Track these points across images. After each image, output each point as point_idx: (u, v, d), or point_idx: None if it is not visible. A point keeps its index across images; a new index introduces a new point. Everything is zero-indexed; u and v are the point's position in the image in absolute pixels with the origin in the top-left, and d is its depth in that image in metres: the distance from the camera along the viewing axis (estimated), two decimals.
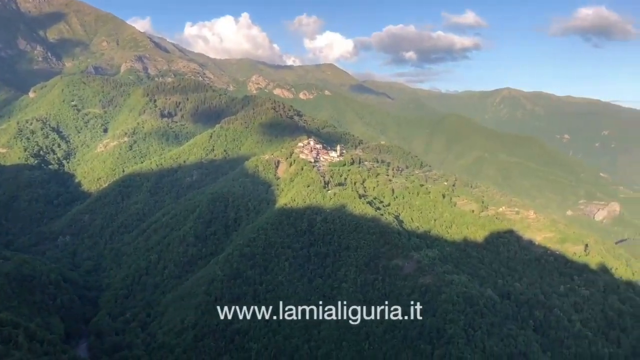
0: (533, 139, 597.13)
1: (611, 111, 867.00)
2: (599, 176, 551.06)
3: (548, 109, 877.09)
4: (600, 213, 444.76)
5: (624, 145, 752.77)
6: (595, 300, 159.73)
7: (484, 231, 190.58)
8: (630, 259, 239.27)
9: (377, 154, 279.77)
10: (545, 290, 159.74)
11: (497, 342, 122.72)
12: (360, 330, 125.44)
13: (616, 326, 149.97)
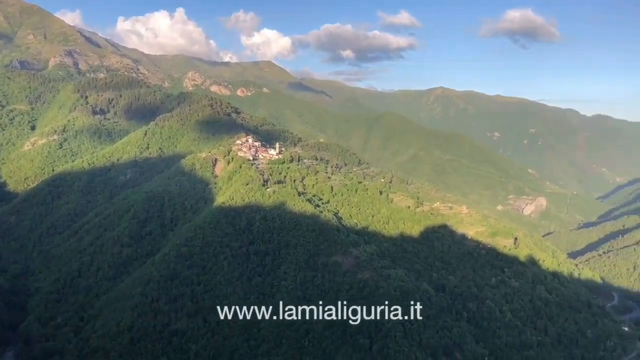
0: (465, 137, 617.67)
1: (538, 110, 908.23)
2: (527, 172, 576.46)
3: (479, 108, 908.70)
4: (528, 207, 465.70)
5: (550, 142, 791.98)
6: (524, 291, 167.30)
7: (419, 226, 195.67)
8: (556, 251, 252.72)
9: (316, 152, 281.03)
10: (477, 282, 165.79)
11: (432, 335, 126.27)
12: (300, 328, 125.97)
13: (543, 315, 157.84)
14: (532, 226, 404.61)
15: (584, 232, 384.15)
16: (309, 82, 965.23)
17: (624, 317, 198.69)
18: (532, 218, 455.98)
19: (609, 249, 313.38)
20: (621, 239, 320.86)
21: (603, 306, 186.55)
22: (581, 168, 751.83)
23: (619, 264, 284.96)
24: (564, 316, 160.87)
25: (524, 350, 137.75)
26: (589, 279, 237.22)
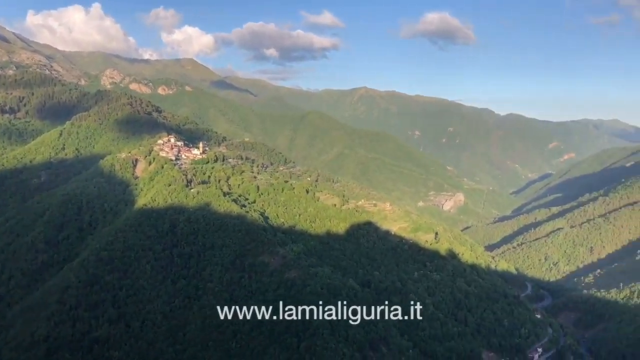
0: (388, 136, 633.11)
1: (456, 109, 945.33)
2: (446, 169, 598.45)
3: (401, 108, 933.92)
4: (447, 203, 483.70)
5: (467, 140, 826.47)
6: (445, 284, 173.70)
7: (345, 224, 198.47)
8: (474, 244, 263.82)
9: (241, 151, 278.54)
10: (401, 277, 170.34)
11: (359, 330, 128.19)
12: (227, 330, 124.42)
13: (463, 306, 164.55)
14: (451, 221, 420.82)
15: (499, 225, 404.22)
16: (233, 80, 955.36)
17: (536, 305, 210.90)
18: (452, 213, 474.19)
19: (522, 241, 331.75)
20: (533, 231, 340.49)
21: (518, 296, 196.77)
22: (496, 165, 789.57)
23: (531, 255, 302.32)
24: (482, 307, 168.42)
25: (446, 341, 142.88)
26: (504, 270, 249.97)
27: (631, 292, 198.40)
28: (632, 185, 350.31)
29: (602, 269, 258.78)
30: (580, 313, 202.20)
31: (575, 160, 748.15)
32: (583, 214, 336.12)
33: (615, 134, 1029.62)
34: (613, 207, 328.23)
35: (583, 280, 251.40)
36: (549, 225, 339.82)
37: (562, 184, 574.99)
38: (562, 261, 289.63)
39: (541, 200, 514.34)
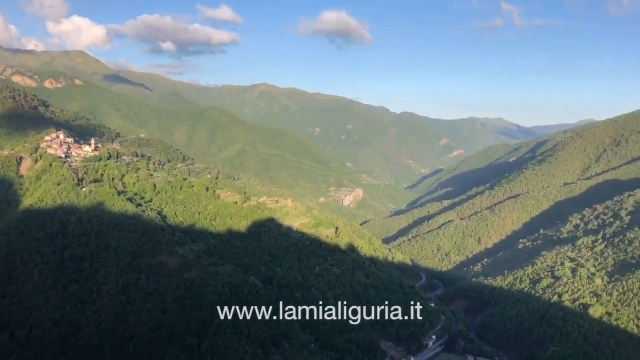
0: (289, 132, 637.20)
1: (354, 107, 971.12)
2: (345, 165, 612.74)
3: (301, 104, 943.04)
4: (347, 198, 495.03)
5: (365, 137, 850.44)
6: (345, 277, 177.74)
7: (246, 221, 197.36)
8: (372, 238, 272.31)
9: (136, 148, 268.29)
10: (303, 272, 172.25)
11: (261, 327, 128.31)
12: (123, 333, 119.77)
13: (362, 298, 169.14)
14: (351, 215, 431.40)
15: (395, 219, 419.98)
16: (127, 74, 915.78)
17: (430, 294, 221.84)
18: (351, 208, 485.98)
19: (417, 233, 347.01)
20: (427, 224, 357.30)
21: (413, 286, 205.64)
22: (392, 160, 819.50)
23: (425, 247, 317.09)
24: (380, 298, 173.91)
25: (346, 333, 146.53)
26: (401, 262, 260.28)
27: (514, 279, 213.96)
28: (514, 179, 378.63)
29: (488, 258, 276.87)
30: (470, 300, 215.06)
31: (464, 156, 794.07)
32: (471, 207, 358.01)
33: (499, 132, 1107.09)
34: (498, 199, 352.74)
35: (472, 269, 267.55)
36: (441, 217, 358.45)
37: (452, 179, 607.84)
38: (453, 251, 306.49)
39: (434, 194, 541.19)
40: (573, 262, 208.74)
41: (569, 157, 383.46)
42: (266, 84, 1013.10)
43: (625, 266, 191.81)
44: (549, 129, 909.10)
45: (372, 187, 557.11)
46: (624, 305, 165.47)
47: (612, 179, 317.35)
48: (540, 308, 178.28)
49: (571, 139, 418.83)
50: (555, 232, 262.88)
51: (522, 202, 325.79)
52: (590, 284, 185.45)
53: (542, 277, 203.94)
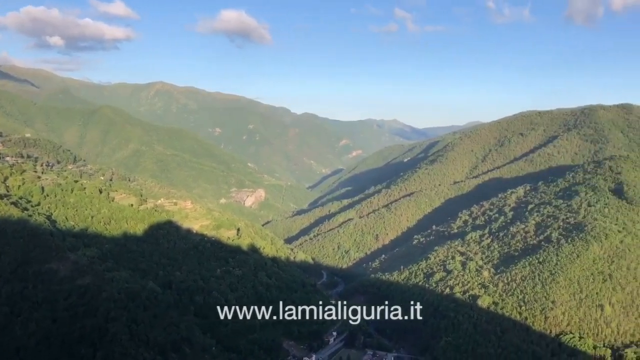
0: (188, 132, 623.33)
1: (255, 107, 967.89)
2: (247, 166, 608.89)
3: (201, 104, 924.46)
4: (249, 199, 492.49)
5: (266, 137, 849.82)
6: (247, 279, 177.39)
7: (143, 224, 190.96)
8: (274, 238, 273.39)
9: (21, 149, 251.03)
10: (204, 275, 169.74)
11: (160, 333, 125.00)
12: (8, 346, 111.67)
13: (265, 299, 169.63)
14: (253, 216, 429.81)
15: (297, 219, 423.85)
16: (10, 69, 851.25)
17: (332, 292, 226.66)
18: (253, 209, 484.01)
19: (318, 232, 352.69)
20: (327, 222, 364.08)
21: (314, 284, 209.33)
22: (293, 161, 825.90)
23: (326, 245, 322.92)
24: (282, 297, 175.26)
25: (248, 334, 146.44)
26: (303, 261, 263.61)
27: (409, 273, 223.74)
28: (409, 179, 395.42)
29: (386, 254, 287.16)
30: (369, 296, 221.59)
31: (363, 156, 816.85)
32: (370, 205, 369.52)
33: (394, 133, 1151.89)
34: (394, 198, 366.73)
35: (371, 266, 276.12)
36: (341, 216, 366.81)
37: (352, 178, 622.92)
38: (353, 249, 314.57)
39: (334, 193, 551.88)
40: (463, 256, 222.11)
41: (458, 157, 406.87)
42: (163, 83, 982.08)
43: (509, 258, 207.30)
44: (440, 131, 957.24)
45: (274, 188, 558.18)
46: (508, 295, 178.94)
47: (497, 177, 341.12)
48: (434, 301, 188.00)
49: (460, 140, 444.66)
50: (446, 228, 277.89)
51: (416, 200, 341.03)
52: (479, 276, 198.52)
53: (435, 271, 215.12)
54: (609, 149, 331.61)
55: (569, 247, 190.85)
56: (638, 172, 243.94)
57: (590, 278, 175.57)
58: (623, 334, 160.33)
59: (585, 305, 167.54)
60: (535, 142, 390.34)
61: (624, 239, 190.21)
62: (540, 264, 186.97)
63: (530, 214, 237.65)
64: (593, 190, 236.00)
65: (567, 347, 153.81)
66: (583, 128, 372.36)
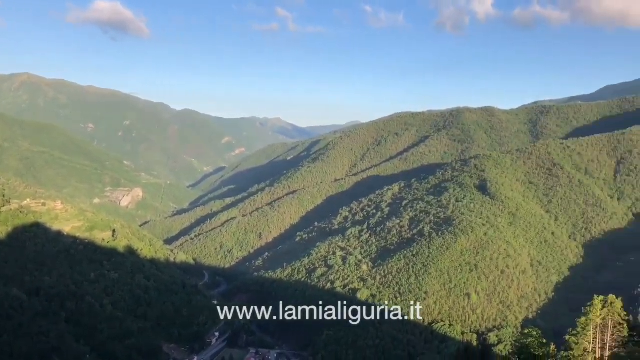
0: (57, 128, 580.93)
1: (132, 102, 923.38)
2: (123, 164, 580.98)
3: (72, 98, 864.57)
4: (125, 199, 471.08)
5: (144, 134, 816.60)
6: (124, 282, 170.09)
7: (6, 227, 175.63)
8: (153, 239, 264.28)
9: None
10: (76, 279, 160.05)
11: (27, 342, 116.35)
12: None
13: (143, 302, 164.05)
14: (130, 217, 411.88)
15: (178, 218, 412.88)
16: None
17: (214, 292, 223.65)
18: (130, 209, 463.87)
19: (200, 232, 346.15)
20: (210, 222, 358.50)
21: (196, 285, 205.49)
22: (173, 158, 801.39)
23: (208, 245, 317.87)
24: (162, 300, 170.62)
25: (126, 339, 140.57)
26: (183, 262, 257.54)
27: (293, 270, 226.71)
28: (292, 177, 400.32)
29: (269, 252, 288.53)
30: (252, 294, 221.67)
31: (246, 155, 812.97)
32: (253, 204, 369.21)
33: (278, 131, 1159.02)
34: (277, 196, 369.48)
35: (254, 264, 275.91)
36: (223, 215, 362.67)
37: (234, 177, 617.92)
38: (236, 248, 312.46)
39: (216, 192, 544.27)
40: (343, 251, 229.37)
41: (339, 156, 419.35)
42: (29, 74, 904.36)
43: (385, 252, 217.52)
44: (322, 130, 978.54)
45: (152, 187, 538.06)
46: (385, 287, 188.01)
47: (375, 174, 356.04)
48: (315, 296, 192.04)
49: (341, 139, 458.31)
50: (328, 225, 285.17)
51: (299, 197, 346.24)
52: (358, 270, 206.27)
53: (317, 267, 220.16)
54: (474, 148, 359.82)
55: (439, 240, 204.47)
56: (499, 169, 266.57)
57: (459, 269, 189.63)
58: (487, 320, 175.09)
59: (454, 295, 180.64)
60: (409, 142, 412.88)
61: (487, 232, 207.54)
62: (414, 257, 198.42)
63: (405, 209, 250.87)
64: (460, 186, 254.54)
65: (439, 334, 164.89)
66: (451, 129, 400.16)
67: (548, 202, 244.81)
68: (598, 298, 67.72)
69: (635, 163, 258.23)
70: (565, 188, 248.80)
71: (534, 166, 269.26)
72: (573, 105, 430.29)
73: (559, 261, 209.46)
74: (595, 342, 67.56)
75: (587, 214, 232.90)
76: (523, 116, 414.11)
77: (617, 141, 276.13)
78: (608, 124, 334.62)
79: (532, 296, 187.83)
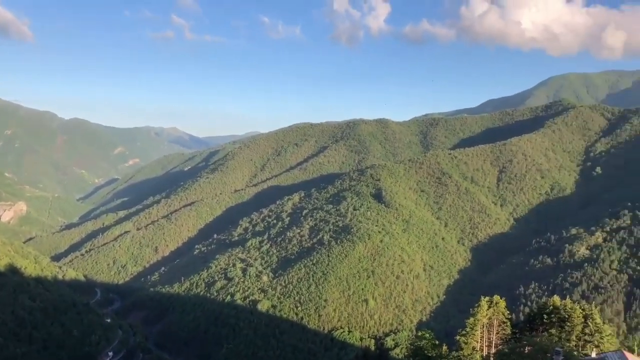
0: None
1: (14, 110, 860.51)
2: (4, 176, 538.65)
3: None
4: (7, 214, 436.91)
5: (29, 144, 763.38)
6: (5, 303, 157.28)
7: None
8: (39, 256, 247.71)
9: None
10: None
11: None
12: None
13: (27, 324, 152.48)
14: (12, 233, 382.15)
15: (66, 233, 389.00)
16: None
17: (107, 310, 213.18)
18: (12, 224, 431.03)
19: (91, 247, 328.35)
20: (102, 236, 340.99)
21: (87, 303, 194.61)
22: (62, 170, 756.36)
23: (100, 261, 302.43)
24: (49, 320, 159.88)
25: None
26: (73, 279, 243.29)
27: (191, 284, 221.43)
28: (189, 188, 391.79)
29: (166, 266, 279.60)
30: (148, 310, 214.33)
31: (140, 165, 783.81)
32: (148, 216, 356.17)
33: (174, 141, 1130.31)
34: (174, 208, 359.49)
35: (150, 279, 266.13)
36: (116, 229, 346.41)
37: (128, 188, 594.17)
38: (130, 263, 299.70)
39: (109, 205, 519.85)
40: (243, 263, 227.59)
41: (239, 166, 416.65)
42: None
43: (286, 262, 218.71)
44: (221, 140, 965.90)
45: (38, 200, 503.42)
46: (286, 297, 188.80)
47: (275, 185, 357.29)
48: (215, 309, 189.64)
49: (240, 150, 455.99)
50: (227, 236, 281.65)
51: (197, 209, 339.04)
52: (259, 282, 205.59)
53: (217, 280, 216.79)
54: (370, 158, 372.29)
55: (338, 248, 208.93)
56: (393, 179, 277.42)
57: (357, 275, 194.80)
58: (384, 324, 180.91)
59: (352, 301, 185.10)
60: (308, 152, 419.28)
61: (383, 239, 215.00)
62: (314, 265, 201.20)
63: (305, 218, 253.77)
64: (357, 195, 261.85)
65: (338, 341, 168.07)
66: (349, 140, 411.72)
67: (438, 209, 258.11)
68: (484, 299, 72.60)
69: (515, 172, 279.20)
70: (453, 195, 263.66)
71: (425, 175, 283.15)
72: (459, 117, 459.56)
73: (449, 265, 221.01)
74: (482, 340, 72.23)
75: (474, 220, 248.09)
76: (414, 128, 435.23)
77: (499, 151, 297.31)
78: (491, 135, 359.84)
79: (425, 299, 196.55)
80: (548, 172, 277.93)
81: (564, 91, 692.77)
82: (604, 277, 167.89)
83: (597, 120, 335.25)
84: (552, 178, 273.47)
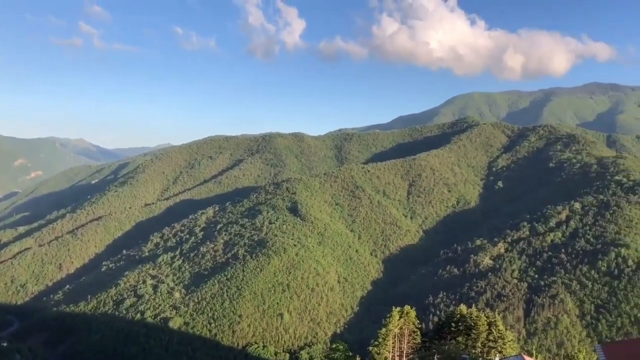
0: None
1: None
2: None
3: None
4: None
5: None
6: None
7: None
8: None
9: None
10: None
11: None
12: None
13: None
14: None
15: None
16: None
17: (3, 333, 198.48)
18: None
19: None
20: None
21: None
22: None
23: None
24: None
25: None
26: None
27: (98, 302, 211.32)
28: (97, 202, 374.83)
29: (71, 284, 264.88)
30: (51, 331, 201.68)
31: (43, 178, 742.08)
32: (52, 232, 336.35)
33: (80, 152, 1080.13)
34: (80, 222, 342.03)
35: (53, 298, 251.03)
36: (15, 246, 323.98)
37: (29, 202, 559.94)
38: (31, 282, 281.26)
39: (7, 220, 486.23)
40: (154, 279, 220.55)
41: (150, 179, 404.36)
42: None
43: (199, 277, 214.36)
44: (131, 152, 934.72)
45: None
46: (199, 314, 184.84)
47: (188, 198, 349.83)
48: (124, 328, 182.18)
49: (151, 162, 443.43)
50: (137, 252, 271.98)
51: (105, 224, 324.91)
52: (170, 298, 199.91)
53: (126, 297, 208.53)
54: (286, 172, 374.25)
55: (253, 262, 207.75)
56: (309, 192, 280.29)
57: (272, 289, 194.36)
58: (299, 338, 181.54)
59: (267, 316, 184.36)
60: (223, 165, 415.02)
61: (299, 252, 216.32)
62: (228, 281, 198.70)
63: (219, 233, 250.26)
64: (273, 209, 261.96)
65: (253, 356, 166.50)
66: (265, 153, 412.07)
67: (352, 222, 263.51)
68: (395, 309, 75.13)
69: (423, 185, 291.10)
70: (366, 208, 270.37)
71: (339, 188, 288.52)
72: (372, 132, 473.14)
73: (363, 277, 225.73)
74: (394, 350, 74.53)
75: (386, 232, 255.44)
76: (329, 142, 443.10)
77: (409, 166, 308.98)
78: (401, 150, 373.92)
79: (339, 311, 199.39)
80: (454, 185, 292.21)
81: (468, 109, 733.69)
82: (506, 285, 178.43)
83: (498, 137, 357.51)
84: (458, 192, 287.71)
